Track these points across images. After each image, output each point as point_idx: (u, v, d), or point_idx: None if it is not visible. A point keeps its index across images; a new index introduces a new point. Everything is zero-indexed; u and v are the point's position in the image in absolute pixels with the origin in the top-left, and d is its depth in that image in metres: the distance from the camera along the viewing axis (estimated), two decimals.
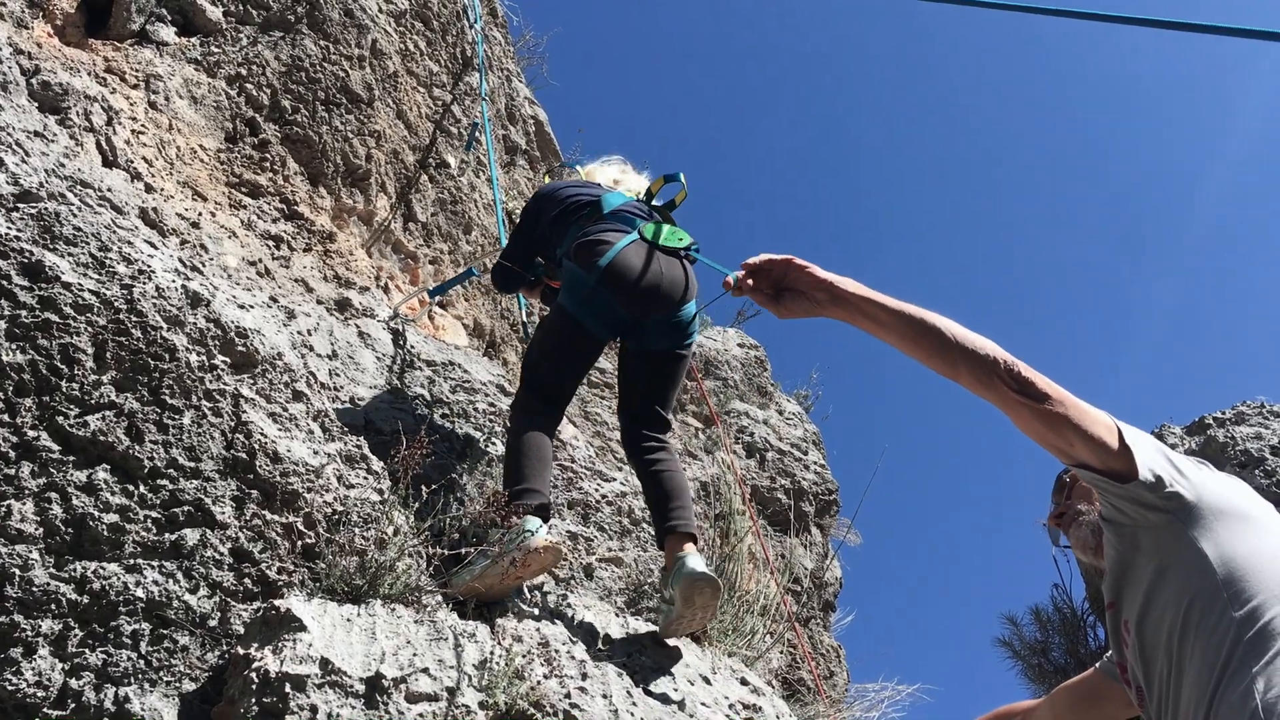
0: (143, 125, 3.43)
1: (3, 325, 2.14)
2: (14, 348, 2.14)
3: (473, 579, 2.56)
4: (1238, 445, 7.48)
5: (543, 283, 3.72)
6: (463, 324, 4.76)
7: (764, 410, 6.42)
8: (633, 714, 2.38)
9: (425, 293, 4.42)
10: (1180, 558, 1.55)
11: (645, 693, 2.56)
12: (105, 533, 2.10)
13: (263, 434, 2.44)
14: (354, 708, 1.98)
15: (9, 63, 2.86)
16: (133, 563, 2.11)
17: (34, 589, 1.97)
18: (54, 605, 1.99)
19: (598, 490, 3.71)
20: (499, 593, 2.63)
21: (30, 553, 2.00)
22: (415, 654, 2.18)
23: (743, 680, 3.06)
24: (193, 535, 2.21)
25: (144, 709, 1.97)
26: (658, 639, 2.86)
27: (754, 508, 4.93)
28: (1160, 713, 1.61)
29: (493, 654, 2.31)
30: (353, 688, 2.01)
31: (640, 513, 3.75)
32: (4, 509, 2.00)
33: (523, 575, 2.61)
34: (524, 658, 2.37)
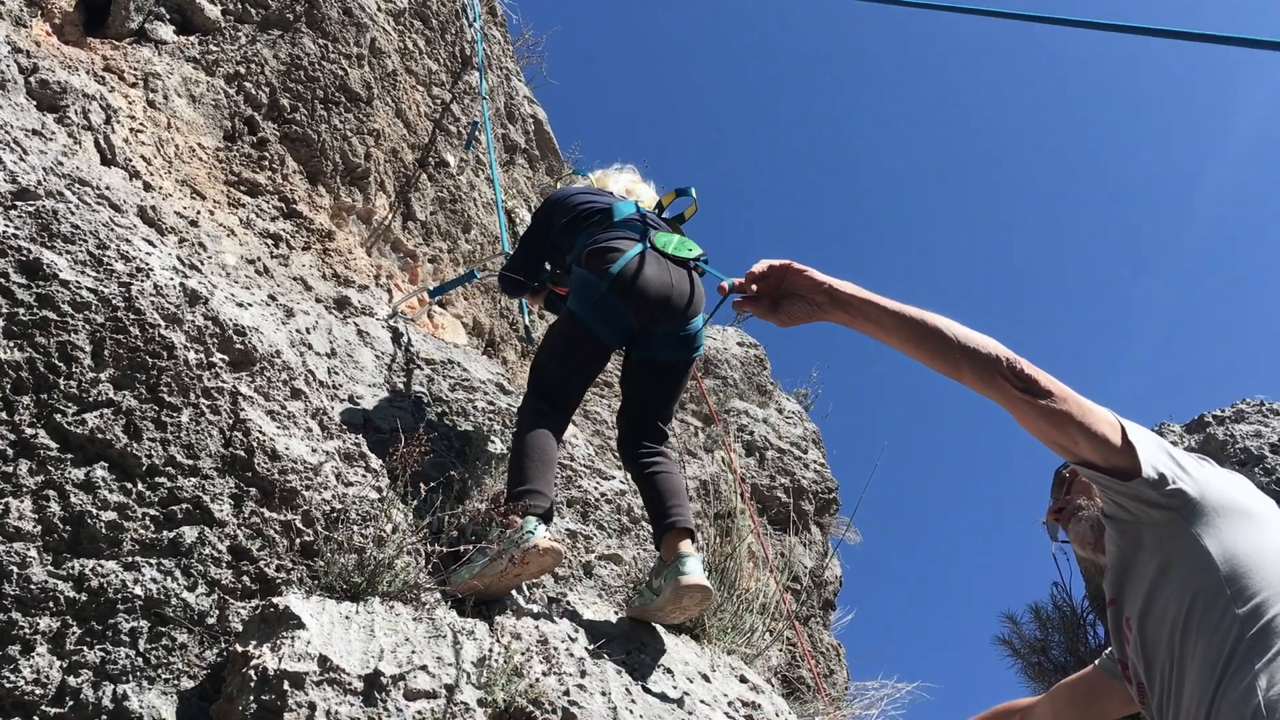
0: (141, 124, 3.43)
1: (0, 323, 2.14)
2: (12, 345, 2.13)
3: (471, 577, 2.56)
4: (1237, 443, 7.48)
5: (547, 289, 3.74)
6: (462, 322, 4.76)
7: (764, 409, 6.42)
8: (632, 712, 2.38)
9: (425, 293, 4.42)
10: (1183, 554, 1.54)
11: (644, 690, 2.55)
12: (103, 530, 2.09)
13: (261, 432, 2.44)
14: (352, 705, 1.97)
15: (7, 61, 2.85)
16: (131, 560, 2.10)
17: (32, 586, 1.97)
18: (52, 603, 1.98)
19: (596, 488, 3.70)
20: (497, 591, 2.63)
21: (28, 550, 2.00)
22: (414, 651, 2.18)
23: (742, 678, 3.05)
24: (191, 533, 2.20)
25: (142, 706, 1.97)
26: (650, 628, 2.86)
27: (753, 506, 4.93)
28: (1162, 710, 1.61)
29: (491, 651, 2.31)
30: (351, 685, 2.01)
31: (639, 511, 3.75)
32: (2, 506, 2.00)
33: (521, 575, 2.61)
34: (523, 655, 2.37)
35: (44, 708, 1.91)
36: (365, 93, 4.42)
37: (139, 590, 2.08)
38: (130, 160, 3.21)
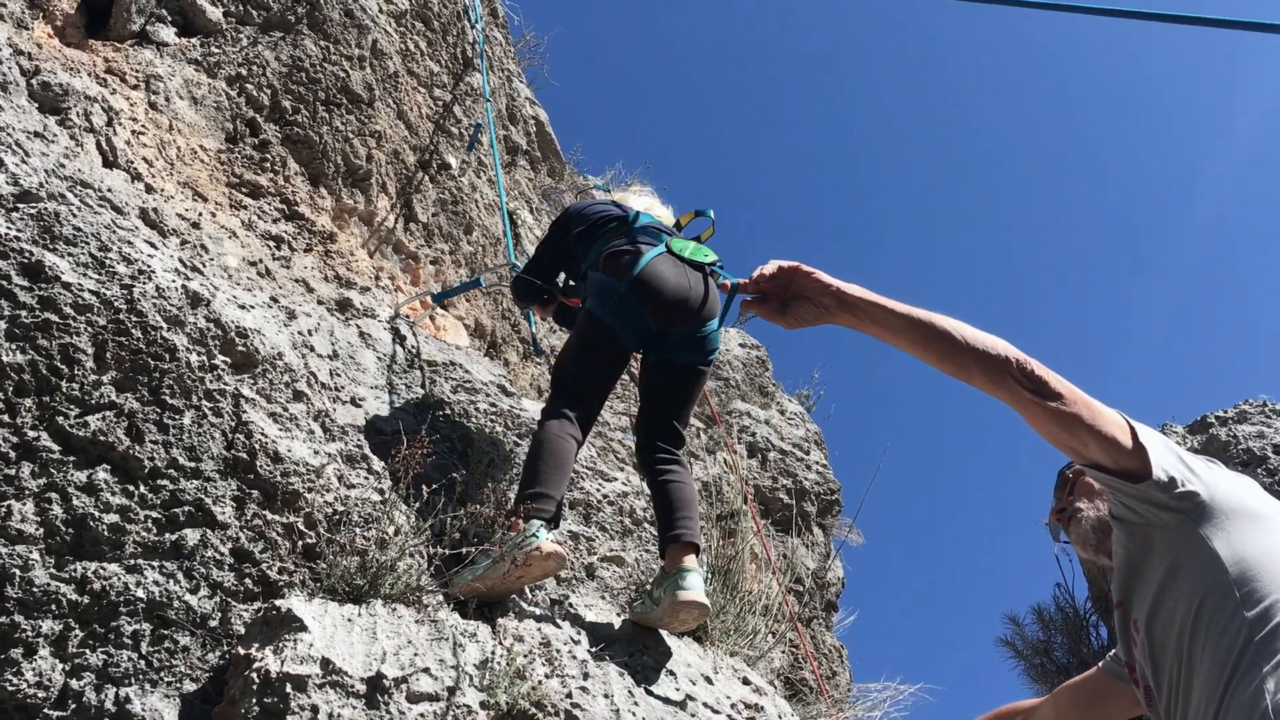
0: (143, 126, 3.42)
1: (3, 325, 2.13)
2: (14, 348, 2.13)
3: (474, 579, 2.56)
4: (1240, 444, 7.47)
5: (557, 300, 3.76)
6: (464, 324, 4.76)
7: (766, 410, 6.41)
8: (634, 714, 2.37)
9: (429, 296, 4.42)
10: (1192, 557, 1.54)
11: (647, 693, 2.55)
12: (106, 533, 2.09)
13: (263, 434, 2.44)
14: (355, 708, 1.97)
15: (9, 63, 2.85)
16: (133, 563, 2.10)
17: (34, 589, 1.97)
18: (54, 606, 1.98)
19: (599, 490, 3.70)
20: (500, 594, 2.63)
21: (31, 553, 2.00)
22: (416, 654, 2.17)
23: (745, 680, 3.05)
24: (193, 535, 2.20)
25: (145, 709, 1.96)
26: (653, 631, 2.86)
27: (756, 507, 4.92)
28: (1169, 713, 1.60)
29: (494, 654, 2.30)
30: (354, 688, 2.00)
31: (642, 513, 3.74)
32: (4, 509, 2.00)
33: (524, 578, 2.61)
34: (525, 657, 2.36)
35: (46, 711, 1.91)
36: (367, 94, 4.42)
37: (141, 593, 2.07)
38: (132, 162, 3.21)
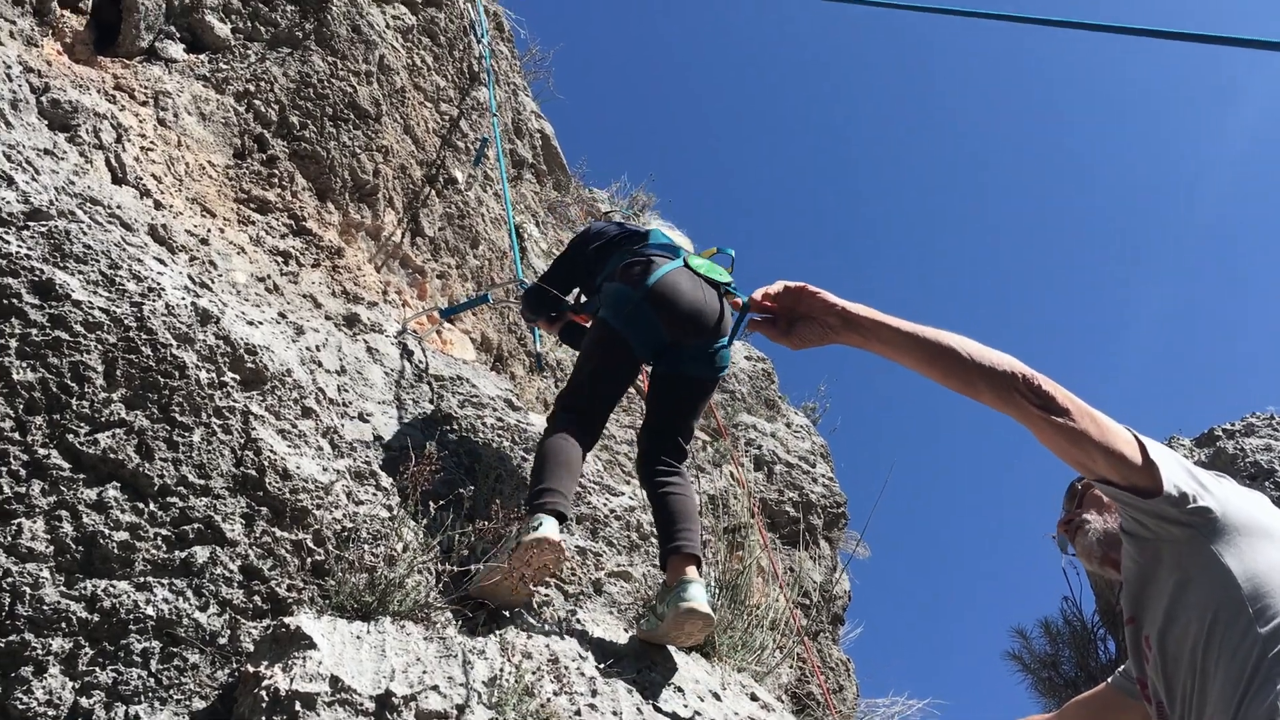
0: (152, 142, 3.44)
1: (14, 343, 2.14)
2: (24, 366, 2.14)
3: (479, 576, 2.56)
4: (1247, 457, 7.45)
5: (565, 317, 3.78)
6: (470, 338, 4.76)
7: (772, 423, 6.41)
8: None
9: (436, 312, 4.43)
10: (1202, 571, 1.54)
11: (655, 709, 2.54)
12: (115, 550, 2.09)
13: (272, 451, 2.44)
14: None
15: (19, 80, 2.87)
16: (143, 580, 2.10)
17: (44, 607, 1.97)
18: (64, 623, 1.98)
19: (605, 505, 3.70)
20: (505, 593, 2.60)
21: (41, 571, 2.00)
22: (425, 671, 2.17)
23: (752, 696, 3.04)
24: (203, 553, 2.20)
25: None
26: (661, 647, 2.85)
27: (763, 520, 4.91)
28: None
29: (502, 671, 2.30)
30: (363, 705, 2.00)
31: (648, 527, 3.74)
32: (15, 527, 2.00)
33: (521, 570, 2.57)
34: (534, 674, 2.36)
35: None
36: (374, 109, 4.44)
37: (151, 610, 2.07)
38: (141, 179, 3.23)
